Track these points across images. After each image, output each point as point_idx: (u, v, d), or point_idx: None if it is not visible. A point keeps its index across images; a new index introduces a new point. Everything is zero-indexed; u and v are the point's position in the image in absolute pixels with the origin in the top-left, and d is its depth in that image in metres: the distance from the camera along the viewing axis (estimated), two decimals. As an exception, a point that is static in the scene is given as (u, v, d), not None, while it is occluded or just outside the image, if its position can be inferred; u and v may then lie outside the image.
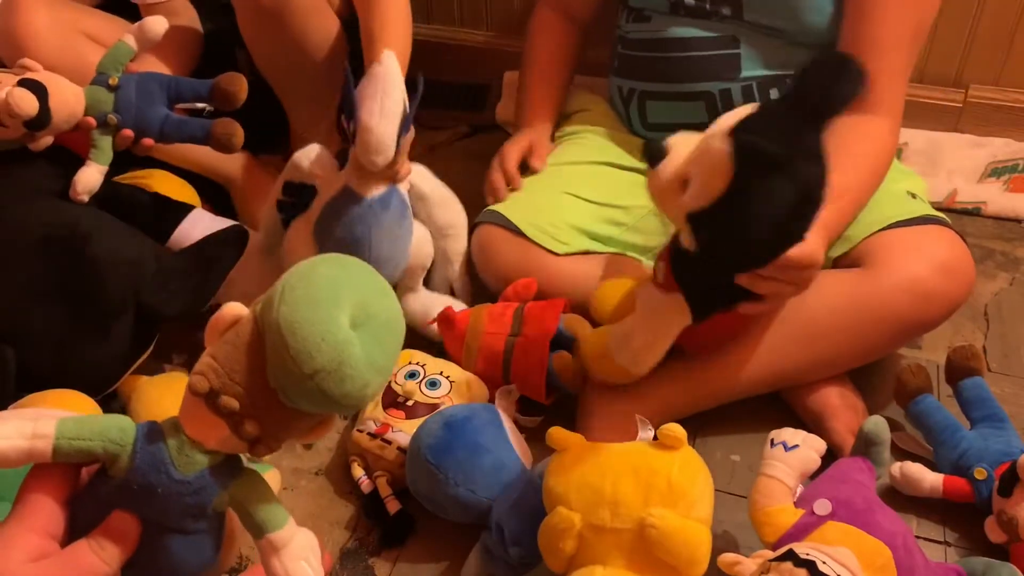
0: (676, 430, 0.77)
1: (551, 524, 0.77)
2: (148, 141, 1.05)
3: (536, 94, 1.33)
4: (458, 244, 1.16)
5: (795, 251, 0.83)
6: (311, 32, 1.21)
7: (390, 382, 1.01)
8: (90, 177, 1.03)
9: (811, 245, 0.84)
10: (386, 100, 0.98)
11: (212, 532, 0.57)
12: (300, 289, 0.51)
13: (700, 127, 1.12)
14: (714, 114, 1.09)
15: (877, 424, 0.84)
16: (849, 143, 0.98)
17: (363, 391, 0.52)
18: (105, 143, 1.03)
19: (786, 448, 0.81)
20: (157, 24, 1.05)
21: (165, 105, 1.06)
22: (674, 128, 1.15)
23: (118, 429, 0.54)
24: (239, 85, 1.05)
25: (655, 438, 0.80)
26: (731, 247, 0.83)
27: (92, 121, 1.02)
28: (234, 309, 0.54)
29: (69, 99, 1.00)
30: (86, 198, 1.03)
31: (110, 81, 1.03)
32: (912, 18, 1.03)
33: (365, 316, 0.52)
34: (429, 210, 1.13)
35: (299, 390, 0.51)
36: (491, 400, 1.01)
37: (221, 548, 0.59)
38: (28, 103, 0.95)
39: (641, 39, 1.20)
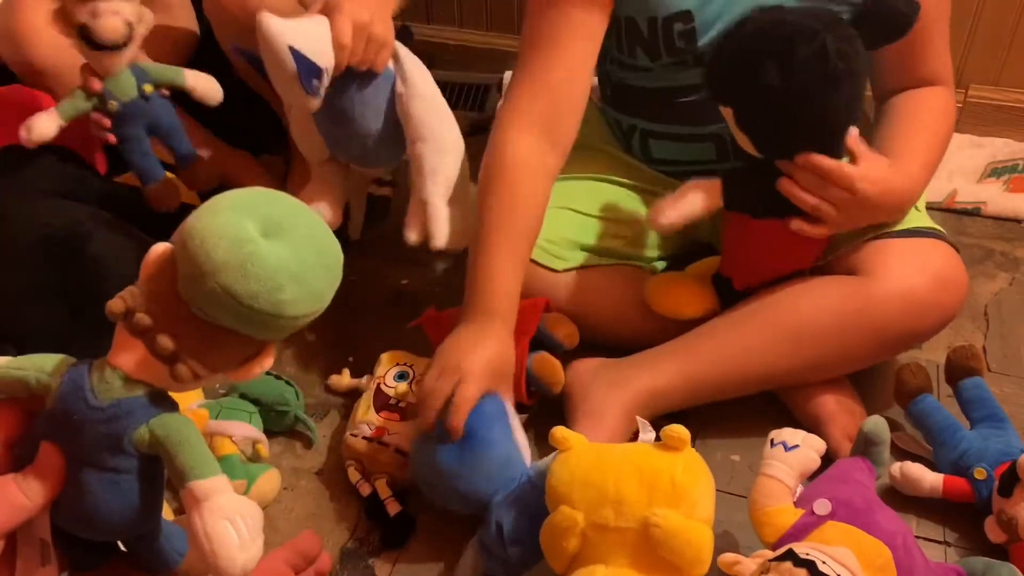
0: (679, 431, 0.77)
1: (554, 523, 0.77)
2: (110, 137, 1.07)
3: (505, 274, 0.95)
4: (436, 157, 1.04)
5: (829, 161, 0.91)
6: None
7: (379, 384, 1.01)
8: (44, 124, 1.02)
9: (855, 165, 0.93)
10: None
11: (139, 479, 0.55)
12: (205, 205, 0.52)
13: (708, 164, 1.12)
14: (724, 153, 1.11)
15: (877, 424, 0.84)
16: (921, 113, 1.05)
17: (276, 296, 0.51)
18: (80, 107, 1.05)
19: (786, 448, 0.81)
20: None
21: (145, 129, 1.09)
22: (681, 165, 1.14)
23: (54, 363, 0.55)
24: (169, 198, 1.12)
25: (657, 439, 0.80)
26: (758, 119, 0.92)
27: (98, 84, 1.04)
28: (160, 246, 0.54)
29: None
30: (35, 142, 1.01)
31: (146, 88, 1.06)
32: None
33: (277, 227, 0.52)
34: (407, 101, 1.03)
35: (203, 293, 0.50)
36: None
37: (154, 505, 0.57)
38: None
39: (643, 87, 1.12)
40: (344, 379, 1.11)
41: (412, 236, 1.07)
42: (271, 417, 1.03)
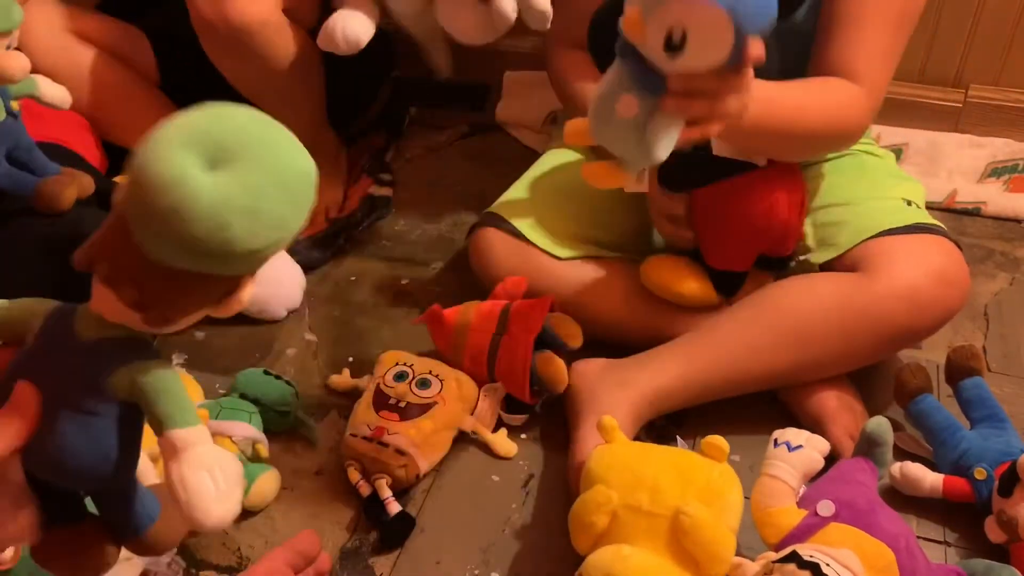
0: (719, 442, 0.81)
1: (587, 498, 0.80)
2: None
3: None
4: None
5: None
6: (274, 50, 1.19)
7: (379, 384, 1.01)
8: None
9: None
10: None
11: (113, 425, 0.53)
12: (155, 136, 0.49)
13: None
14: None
15: (880, 425, 0.84)
16: (813, 83, 0.97)
17: (223, 235, 0.47)
18: None
19: (789, 448, 0.81)
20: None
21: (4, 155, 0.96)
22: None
23: (45, 306, 0.56)
24: (63, 191, 0.98)
25: None
26: None
27: None
28: (123, 186, 0.52)
29: None
30: None
31: (13, 106, 0.95)
32: (895, 2, 0.99)
33: (225, 153, 0.48)
34: None
35: (152, 240, 0.48)
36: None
37: (128, 459, 0.55)
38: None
39: None
40: (344, 379, 1.11)
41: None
42: (271, 417, 1.03)
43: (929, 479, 0.92)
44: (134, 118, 1.28)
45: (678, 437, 0.96)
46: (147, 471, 0.82)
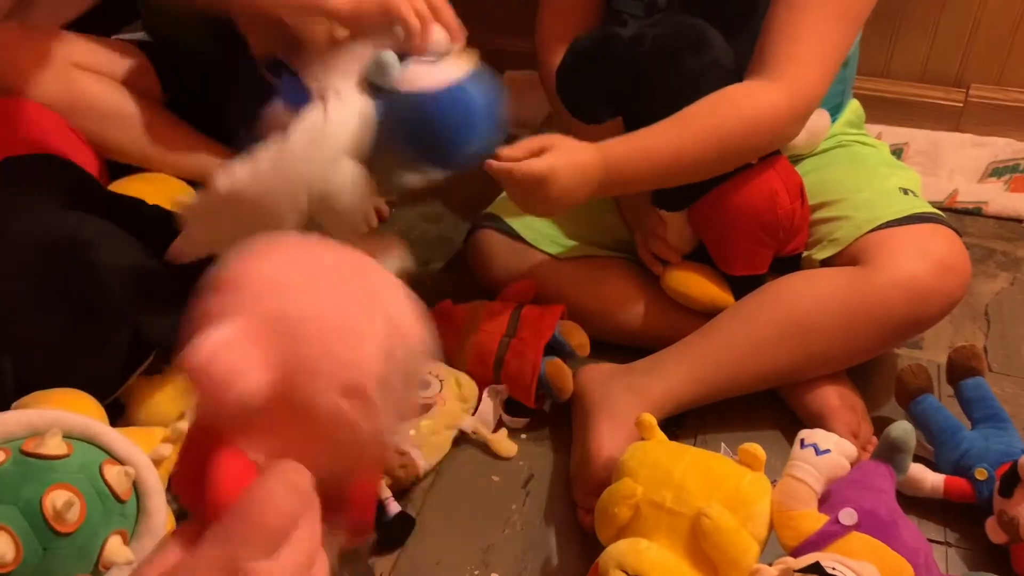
0: (756, 450, 0.80)
1: (613, 490, 0.81)
2: None
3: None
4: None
5: (493, 164, 0.93)
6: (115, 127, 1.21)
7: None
8: None
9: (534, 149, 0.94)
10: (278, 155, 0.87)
11: None
12: None
13: None
14: None
15: (907, 431, 0.83)
16: (705, 104, 0.97)
17: None
18: None
19: (817, 452, 0.79)
20: None
21: None
22: None
23: None
24: None
25: None
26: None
27: None
28: None
29: None
30: None
31: None
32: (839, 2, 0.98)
33: None
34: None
35: None
36: (480, 399, 1.03)
37: None
38: None
39: None
40: (344, 379, 1.10)
41: None
42: (271, 417, 1.02)
43: (930, 479, 0.92)
44: (142, 138, 1.27)
45: (723, 444, 0.95)
46: (149, 472, 0.82)
